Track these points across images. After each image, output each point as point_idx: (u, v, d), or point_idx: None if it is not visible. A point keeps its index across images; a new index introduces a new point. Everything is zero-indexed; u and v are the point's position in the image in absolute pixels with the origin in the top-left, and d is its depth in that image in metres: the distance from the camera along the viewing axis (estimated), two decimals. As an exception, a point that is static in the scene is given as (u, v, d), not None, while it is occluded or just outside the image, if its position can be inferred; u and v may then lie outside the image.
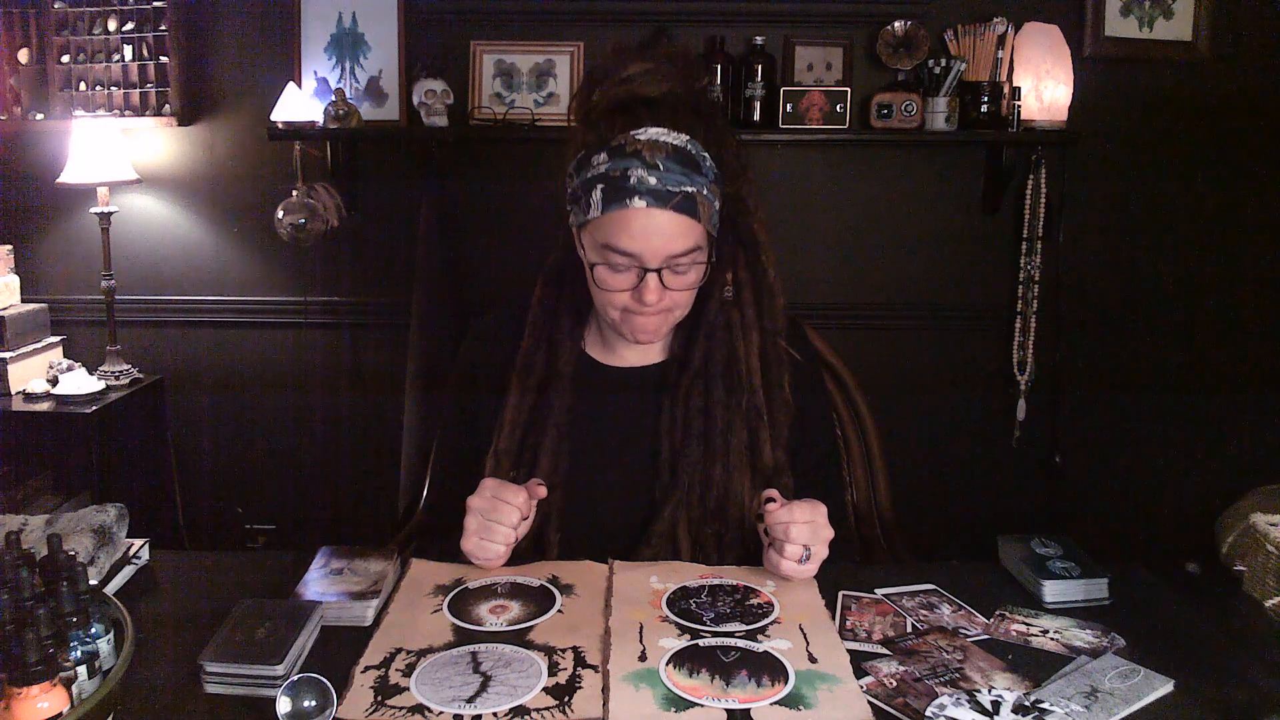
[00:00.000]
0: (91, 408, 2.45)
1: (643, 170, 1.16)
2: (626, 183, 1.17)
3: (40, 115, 2.66)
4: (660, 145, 1.18)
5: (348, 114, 2.50)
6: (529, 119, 2.53)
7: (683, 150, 1.19)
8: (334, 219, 2.60)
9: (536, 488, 1.22)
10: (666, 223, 1.18)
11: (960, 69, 2.47)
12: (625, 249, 1.19)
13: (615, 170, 1.18)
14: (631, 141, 1.18)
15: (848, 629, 1.09)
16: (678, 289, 1.22)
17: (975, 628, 1.09)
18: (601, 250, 1.21)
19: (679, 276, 1.22)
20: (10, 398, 2.51)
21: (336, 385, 2.80)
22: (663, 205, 1.17)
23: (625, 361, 1.36)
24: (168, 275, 2.76)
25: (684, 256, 1.20)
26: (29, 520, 1.23)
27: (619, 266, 1.21)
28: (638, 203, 1.16)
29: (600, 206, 1.19)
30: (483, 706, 0.91)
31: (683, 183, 1.18)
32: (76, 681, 0.88)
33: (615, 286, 1.22)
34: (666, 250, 1.19)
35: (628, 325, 1.26)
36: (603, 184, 1.18)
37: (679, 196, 1.17)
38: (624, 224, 1.18)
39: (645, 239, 1.18)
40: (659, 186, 1.16)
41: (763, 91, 2.51)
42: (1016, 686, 0.96)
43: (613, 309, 1.25)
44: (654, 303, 1.21)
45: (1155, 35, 2.59)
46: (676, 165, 1.18)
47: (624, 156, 1.18)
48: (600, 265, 1.22)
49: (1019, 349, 2.70)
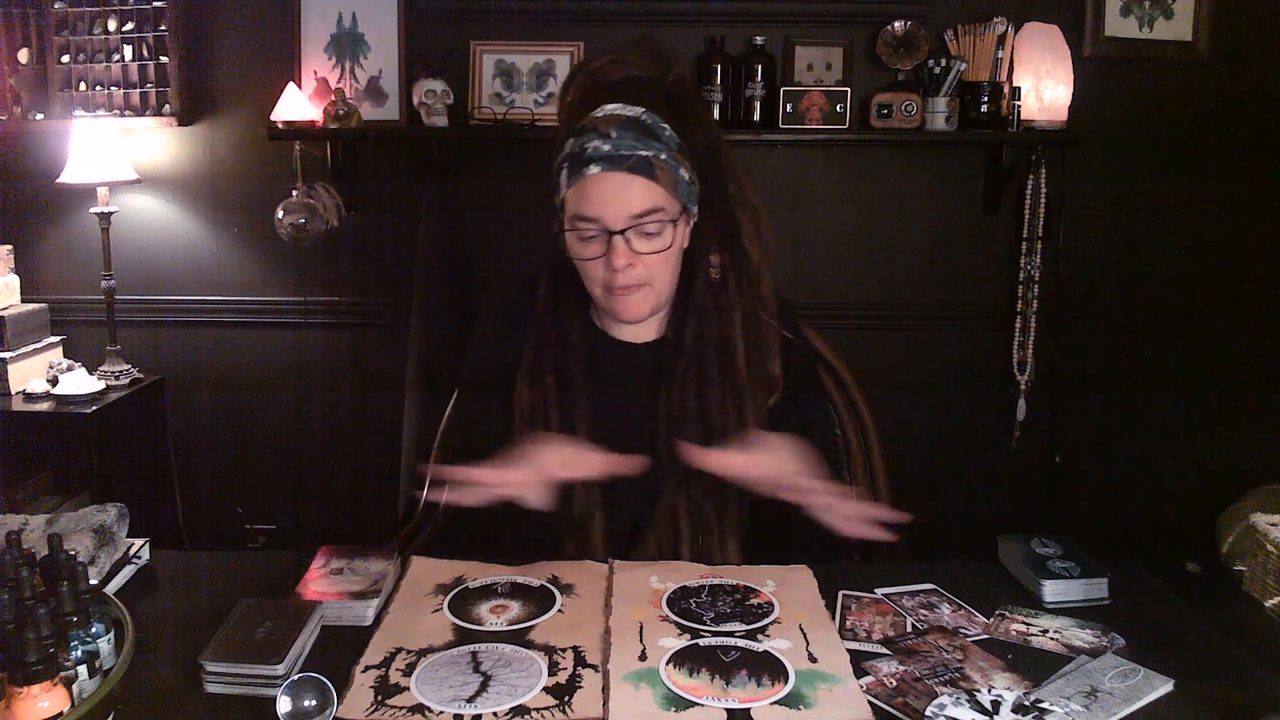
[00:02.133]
0: (91, 408, 2.45)
1: (597, 140, 1.23)
2: (584, 154, 1.24)
3: (40, 115, 2.66)
4: (614, 117, 1.25)
5: (348, 114, 2.50)
6: (529, 119, 2.53)
7: (636, 119, 1.25)
8: (334, 219, 2.60)
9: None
10: (622, 184, 1.23)
11: (960, 69, 2.47)
12: (587, 214, 1.24)
13: (575, 147, 1.25)
14: (591, 120, 1.26)
15: (847, 628, 1.09)
16: (647, 251, 1.25)
17: (975, 627, 1.09)
18: (572, 221, 1.26)
19: (647, 239, 1.25)
20: (10, 398, 2.51)
21: (336, 385, 2.80)
22: (616, 168, 1.23)
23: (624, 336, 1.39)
24: (168, 275, 2.76)
25: (646, 218, 1.24)
26: (29, 520, 1.23)
27: (587, 234, 1.26)
28: (593, 169, 1.23)
29: (566, 184, 1.26)
30: (483, 706, 0.91)
31: (636, 147, 1.23)
32: (77, 681, 0.88)
33: (586, 255, 1.27)
34: (626, 210, 1.23)
35: (611, 304, 1.29)
36: (567, 163, 1.26)
37: (632, 159, 1.23)
38: (584, 191, 1.24)
39: (603, 202, 1.23)
40: (612, 151, 1.23)
41: (762, 91, 2.51)
42: (1016, 686, 0.96)
43: (595, 286, 1.29)
44: (623, 267, 1.24)
45: (1155, 35, 2.59)
46: (629, 133, 1.24)
47: (584, 134, 1.25)
48: (571, 235, 1.27)
49: (1019, 349, 2.70)
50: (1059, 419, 2.73)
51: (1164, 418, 2.76)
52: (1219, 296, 2.73)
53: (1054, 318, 2.68)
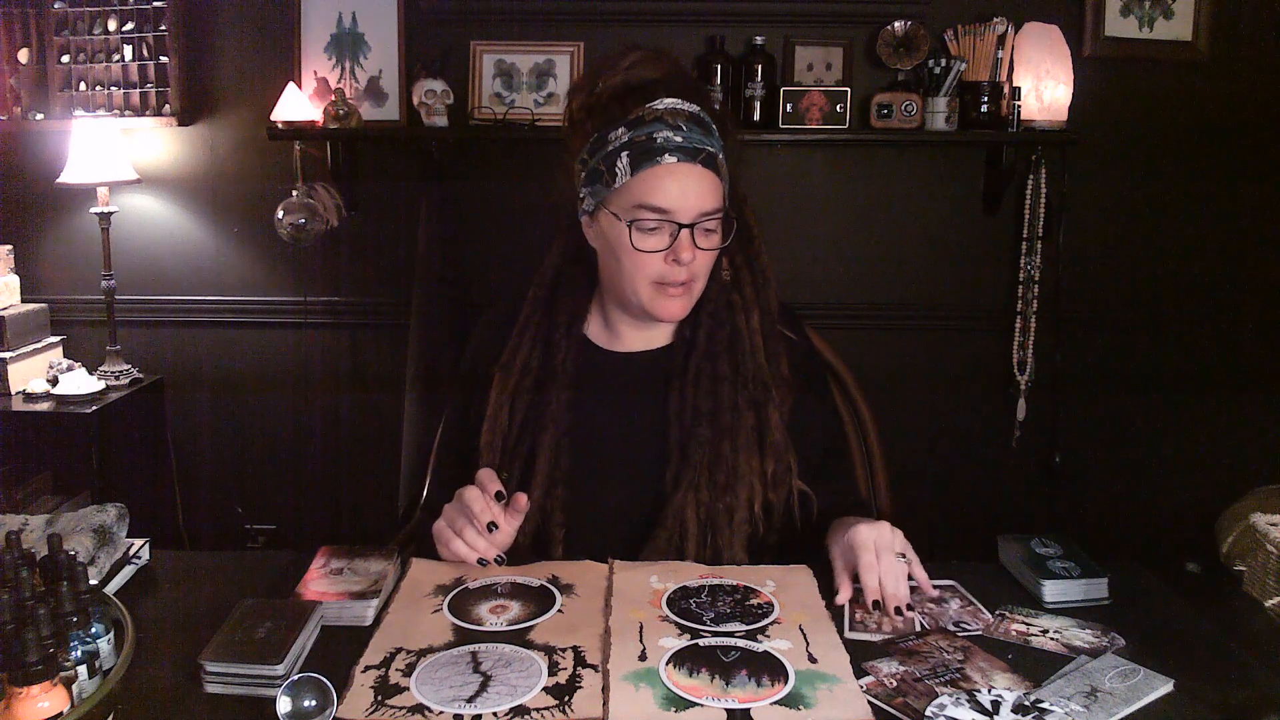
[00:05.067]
0: (91, 408, 2.45)
1: (668, 131, 1.22)
2: (654, 143, 1.21)
3: (40, 115, 2.66)
4: (679, 111, 1.24)
5: (348, 114, 2.50)
6: (529, 119, 2.53)
7: (698, 116, 1.25)
8: (334, 219, 2.60)
9: (518, 500, 1.19)
10: (697, 178, 1.22)
11: (960, 69, 2.47)
12: (659, 205, 1.22)
13: (640, 136, 1.22)
14: (650, 111, 1.23)
15: (857, 620, 1.09)
16: (706, 248, 1.25)
17: (979, 623, 1.10)
18: (634, 211, 1.24)
19: (708, 236, 1.25)
20: (10, 398, 2.51)
21: (336, 385, 2.80)
22: (692, 160, 1.22)
23: (630, 346, 1.38)
24: (168, 275, 2.76)
25: (711, 216, 1.24)
26: (29, 520, 1.23)
27: (651, 227, 1.24)
28: (669, 159, 1.21)
29: (629, 171, 1.23)
30: (483, 706, 0.91)
31: (705, 143, 1.23)
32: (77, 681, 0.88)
33: (650, 247, 1.24)
34: (698, 206, 1.23)
35: (656, 303, 1.27)
36: (628, 151, 1.23)
37: (704, 154, 1.23)
38: (656, 181, 1.22)
39: (681, 194, 1.22)
40: (685, 144, 1.22)
41: (763, 91, 2.51)
42: (1016, 686, 0.96)
43: (644, 281, 1.26)
44: (689, 261, 1.23)
45: (1155, 35, 2.59)
46: (697, 127, 1.23)
47: (646, 124, 1.22)
48: (634, 229, 1.24)
49: (1019, 349, 2.70)
50: (1059, 419, 2.73)
51: (1164, 418, 2.76)
52: (1219, 296, 2.73)
53: (1054, 318, 2.68)
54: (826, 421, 1.44)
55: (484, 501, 1.18)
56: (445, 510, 1.22)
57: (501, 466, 1.31)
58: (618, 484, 1.31)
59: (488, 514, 1.17)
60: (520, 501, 1.19)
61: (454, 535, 1.19)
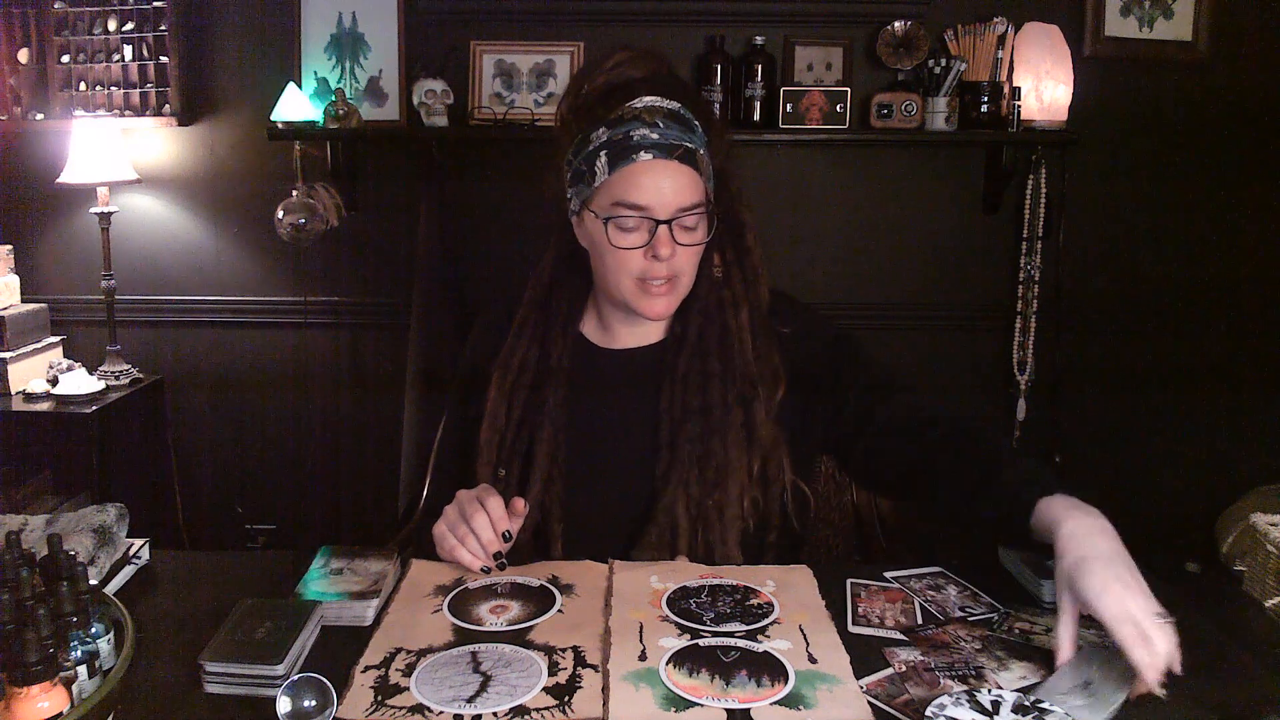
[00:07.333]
0: (91, 408, 2.45)
1: (645, 129, 1.22)
2: (630, 141, 1.22)
3: (40, 115, 2.66)
4: (657, 109, 1.24)
5: (348, 114, 2.50)
6: (529, 119, 2.53)
7: (677, 113, 1.25)
8: (334, 219, 2.60)
9: (515, 505, 1.20)
10: (672, 174, 1.23)
11: (960, 69, 2.47)
12: (635, 201, 1.23)
13: (618, 135, 1.23)
14: (629, 110, 1.24)
15: (860, 615, 1.09)
16: (687, 244, 1.25)
17: (981, 607, 1.11)
18: (612, 208, 1.24)
19: (688, 232, 1.25)
20: (10, 398, 2.51)
21: (336, 385, 2.80)
22: (667, 156, 1.22)
23: (624, 343, 1.38)
24: (168, 275, 2.76)
25: (690, 212, 1.24)
26: (29, 520, 1.23)
27: (629, 224, 1.24)
28: (644, 156, 1.22)
29: (607, 170, 1.23)
30: (483, 706, 0.91)
31: (683, 139, 1.23)
32: (76, 681, 0.88)
33: (627, 245, 1.25)
34: (675, 202, 1.23)
35: (640, 302, 1.28)
36: (606, 150, 1.23)
37: (681, 150, 1.23)
38: (632, 178, 1.23)
39: (655, 190, 1.22)
40: (661, 140, 1.22)
41: (763, 91, 2.51)
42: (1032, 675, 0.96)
43: (627, 278, 1.27)
44: (667, 256, 1.24)
45: (1155, 35, 2.59)
46: (675, 124, 1.24)
47: (624, 123, 1.23)
48: (611, 226, 1.24)
49: (1019, 349, 2.70)
50: (1059, 419, 2.73)
51: (1164, 418, 2.76)
52: (1219, 296, 2.73)
53: (1054, 318, 2.68)
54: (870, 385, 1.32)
55: (492, 532, 1.18)
56: (445, 512, 1.22)
57: (499, 466, 1.31)
58: (612, 480, 1.32)
59: (496, 544, 1.18)
60: (518, 505, 1.20)
61: (457, 543, 1.19)
